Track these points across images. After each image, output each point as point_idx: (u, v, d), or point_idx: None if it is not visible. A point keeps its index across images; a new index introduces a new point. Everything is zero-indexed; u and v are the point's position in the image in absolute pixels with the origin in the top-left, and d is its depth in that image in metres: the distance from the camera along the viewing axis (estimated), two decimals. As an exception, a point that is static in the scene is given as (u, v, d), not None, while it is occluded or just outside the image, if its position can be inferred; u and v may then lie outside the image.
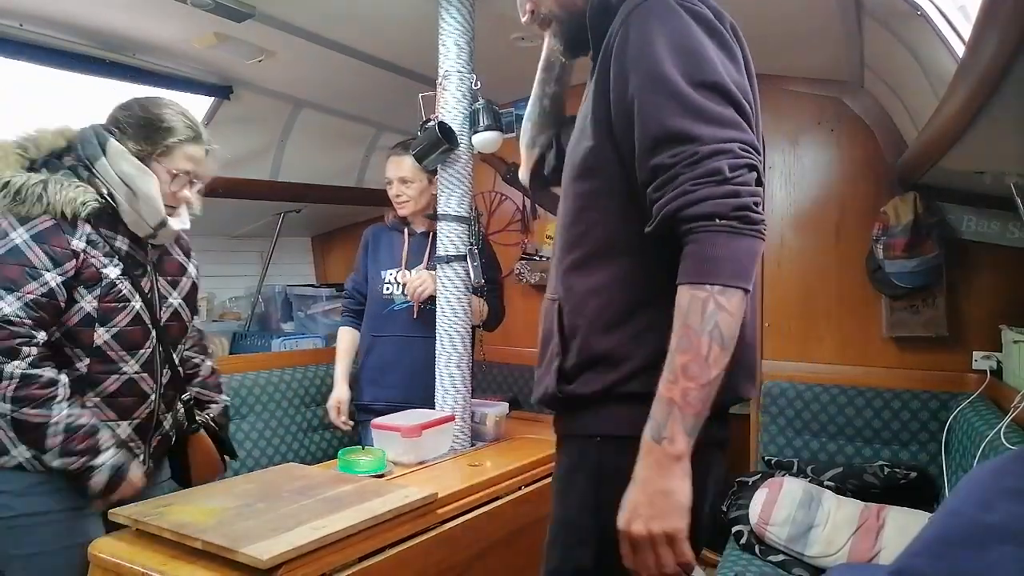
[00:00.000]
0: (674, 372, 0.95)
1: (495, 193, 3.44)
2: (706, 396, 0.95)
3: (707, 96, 0.97)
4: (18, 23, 2.01)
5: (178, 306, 1.76)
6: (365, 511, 1.43)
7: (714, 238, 0.94)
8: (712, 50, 1.01)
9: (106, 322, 1.58)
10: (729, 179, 0.94)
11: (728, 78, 0.99)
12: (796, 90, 2.74)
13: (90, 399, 1.60)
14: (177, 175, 1.65)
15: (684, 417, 0.95)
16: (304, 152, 3.08)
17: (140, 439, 1.69)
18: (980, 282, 2.49)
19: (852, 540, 2.12)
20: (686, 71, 0.98)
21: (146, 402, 1.68)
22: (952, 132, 1.56)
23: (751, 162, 0.97)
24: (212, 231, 3.33)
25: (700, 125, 0.96)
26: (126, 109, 1.66)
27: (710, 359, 0.94)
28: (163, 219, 1.63)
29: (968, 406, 2.29)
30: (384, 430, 1.92)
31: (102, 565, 1.36)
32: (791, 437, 2.70)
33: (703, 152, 0.95)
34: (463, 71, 2.06)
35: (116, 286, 1.58)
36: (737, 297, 0.95)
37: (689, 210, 0.95)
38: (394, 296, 2.54)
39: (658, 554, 0.96)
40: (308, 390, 3.10)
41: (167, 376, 1.73)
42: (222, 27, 2.13)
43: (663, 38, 1.00)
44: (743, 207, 0.94)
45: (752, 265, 0.96)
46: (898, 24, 1.80)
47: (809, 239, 2.76)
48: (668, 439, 0.95)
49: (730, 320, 0.94)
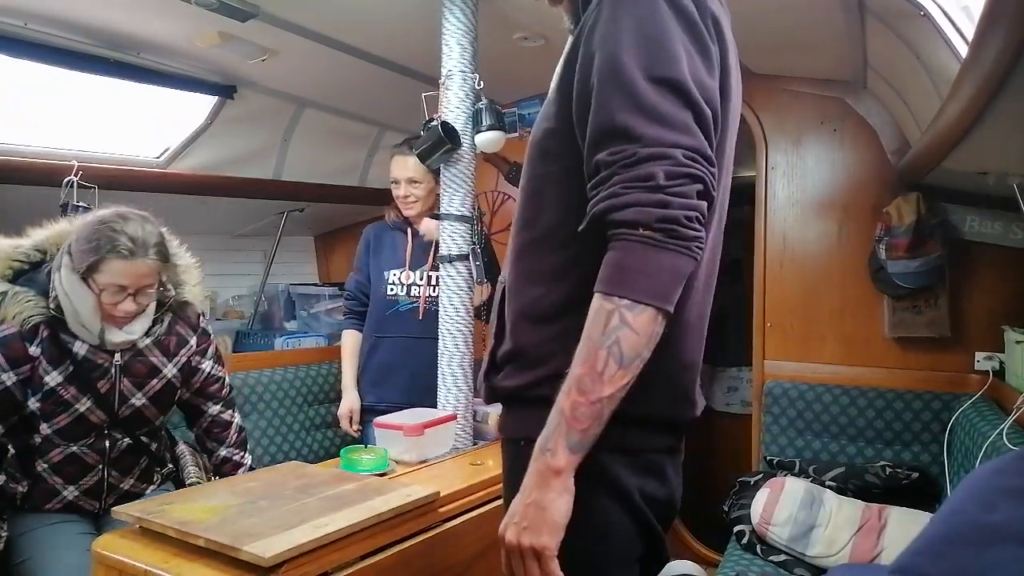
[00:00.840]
0: (569, 382, 0.90)
1: (498, 193, 3.44)
2: (596, 413, 0.89)
3: (661, 93, 0.89)
4: (22, 22, 2.02)
5: (141, 406, 1.90)
6: (367, 509, 1.43)
7: (633, 248, 0.88)
8: (681, 44, 0.92)
9: (48, 420, 1.78)
10: (662, 187, 0.87)
11: (690, 77, 0.91)
12: (799, 90, 2.75)
13: (39, 464, 1.83)
14: (105, 289, 1.72)
15: (569, 432, 0.90)
16: (307, 151, 3.08)
17: (93, 499, 1.90)
18: (983, 283, 2.49)
19: (854, 540, 2.13)
20: (645, 63, 0.90)
21: (91, 472, 1.87)
22: (955, 132, 1.56)
23: (694, 172, 0.88)
24: (215, 230, 3.34)
25: (645, 124, 0.88)
26: (82, 226, 1.76)
27: (605, 376, 0.88)
28: (99, 332, 1.76)
29: (970, 407, 2.29)
30: (386, 429, 1.92)
31: (105, 563, 1.36)
32: (793, 437, 2.70)
33: (641, 154, 0.88)
34: (466, 71, 2.06)
35: (56, 392, 1.76)
36: (646, 316, 0.87)
37: (615, 214, 0.89)
38: (399, 297, 2.54)
39: (526, 566, 0.93)
40: (311, 389, 3.10)
41: (120, 448, 1.90)
42: (226, 26, 2.14)
43: (631, 23, 0.92)
44: (670, 219, 0.86)
45: (674, 284, 0.89)
46: (901, 24, 1.80)
47: (811, 239, 2.75)
48: (551, 451, 0.91)
49: (634, 339, 0.87)
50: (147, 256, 1.74)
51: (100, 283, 1.71)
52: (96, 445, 1.86)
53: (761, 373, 2.81)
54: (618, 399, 0.89)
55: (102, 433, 1.87)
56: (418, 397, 2.32)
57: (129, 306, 1.75)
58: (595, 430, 0.90)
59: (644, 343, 0.88)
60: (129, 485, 1.97)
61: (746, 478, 2.57)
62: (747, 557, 2.26)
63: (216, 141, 2.76)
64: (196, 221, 3.16)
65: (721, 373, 4.08)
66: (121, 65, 2.29)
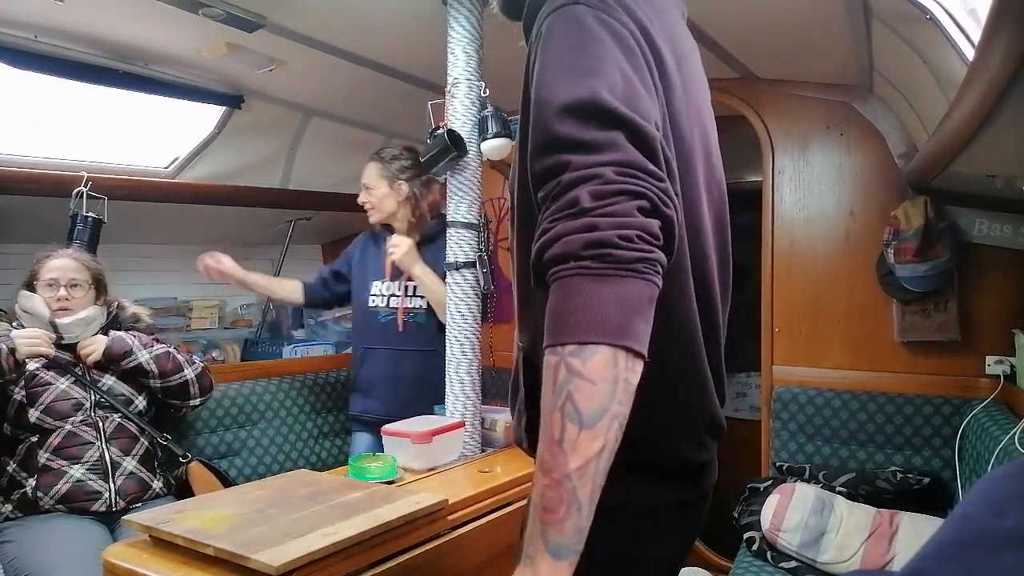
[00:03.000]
0: (536, 467, 0.76)
1: (504, 200, 3.45)
2: (566, 496, 0.72)
3: (584, 119, 0.79)
4: (33, 35, 2.04)
5: (112, 383, 2.22)
6: (376, 517, 1.43)
7: (566, 284, 0.74)
8: (614, 64, 0.82)
9: (34, 403, 2.06)
10: (588, 209, 0.75)
11: (620, 97, 0.80)
12: (805, 95, 2.74)
13: (41, 456, 2.04)
14: (48, 285, 2.15)
15: (545, 530, 0.73)
16: (314, 160, 3.10)
17: (101, 479, 2.08)
18: (992, 286, 2.47)
19: (865, 546, 2.11)
20: (569, 93, 0.80)
21: (91, 448, 2.09)
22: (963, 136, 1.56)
23: (629, 188, 0.76)
24: (224, 239, 3.35)
25: (571, 153, 0.78)
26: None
27: (564, 443, 0.72)
28: (50, 318, 2.13)
29: (981, 411, 2.28)
30: (394, 436, 1.92)
31: (115, 571, 1.36)
32: (802, 443, 2.69)
33: (564, 181, 0.77)
34: (472, 78, 2.07)
35: (36, 375, 2.10)
36: (599, 356, 0.72)
37: (545, 253, 0.77)
38: (378, 309, 2.53)
39: None
40: (319, 397, 3.11)
41: (112, 425, 2.15)
42: (233, 37, 2.15)
43: (559, 50, 0.85)
44: (600, 242, 0.73)
45: (628, 314, 0.73)
46: (907, 28, 1.80)
47: (819, 243, 2.75)
48: (531, 558, 0.74)
49: (589, 389, 0.71)
50: (69, 256, 2.21)
51: (40, 285, 2.15)
52: (88, 421, 2.11)
53: (770, 378, 2.80)
54: (595, 474, 0.72)
55: (89, 410, 2.12)
56: (400, 409, 2.28)
57: (63, 294, 2.14)
58: (575, 521, 0.72)
59: (607, 393, 0.72)
60: (133, 466, 2.14)
61: (756, 484, 2.56)
62: (757, 564, 2.25)
63: (224, 150, 2.78)
64: (204, 230, 3.19)
65: (729, 379, 4.06)
66: (129, 76, 2.31)
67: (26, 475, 2.04)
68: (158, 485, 2.20)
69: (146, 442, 2.21)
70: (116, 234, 2.53)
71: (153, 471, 2.21)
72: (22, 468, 2.05)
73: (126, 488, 2.10)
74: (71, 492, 2.02)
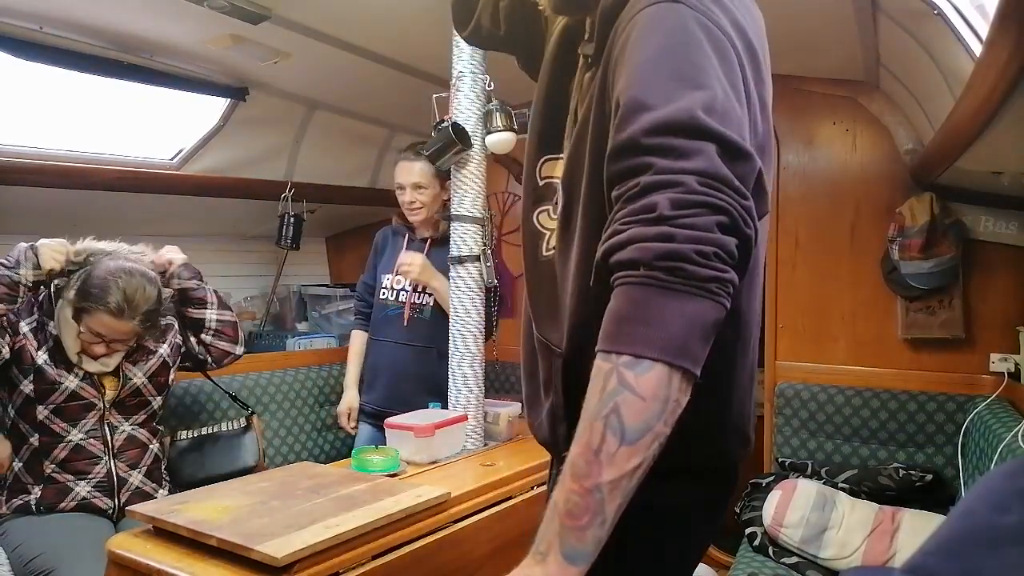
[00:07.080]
0: (565, 468, 0.73)
1: (508, 194, 3.45)
2: (594, 506, 0.70)
3: (678, 125, 0.75)
4: (38, 26, 2.04)
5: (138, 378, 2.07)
6: (378, 510, 1.43)
7: (632, 292, 0.71)
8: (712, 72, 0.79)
9: (43, 401, 1.93)
10: (666, 218, 0.71)
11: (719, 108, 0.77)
12: (811, 90, 2.73)
13: (47, 467, 1.95)
14: (84, 332, 1.92)
15: (563, 532, 0.71)
16: (318, 153, 3.09)
17: (107, 496, 2.00)
18: (997, 283, 2.47)
19: (867, 542, 2.11)
20: (662, 97, 0.77)
21: (98, 463, 1.99)
22: (969, 132, 1.55)
23: (711, 201, 0.72)
24: (228, 231, 3.36)
25: (652, 156, 0.74)
26: (97, 266, 1.95)
27: (602, 455, 0.69)
28: (74, 358, 1.95)
29: (985, 408, 2.27)
30: (397, 429, 1.92)
31: (119, 562, 1.37)
32: (805, 439, 2.69)
33: (644, 183, 0.73)
34: (476, 72, 2.07)
35: (44, 372, 1.93)
36: (654, 373, 0.69)
37: (614, 256, 0.74)
38: (388, 302, 2.55)
39: None
40: (322, 389, 3.12)
41: (122, 437, 2.04)
42: (238, 29, 2.15)
43: (656, 49, 0.81)
44: (675, 255, 0.70)
45: (691, 335, 0.70)
46: (914, 23, 1.79)
47: (824, 240, 2.74)
48: (542, 555, 0.72)
49: (639, 406, 0.69)
50: (132, 319, 1.93)
51: (83, 325, 1.92)
52: (97, 433, 2.00)
53: (773, 374, 2.79)
54: (626, 490, 0.70)
55: (101, 417, 2.00)
56: (396, 403, 2.31)
57: (101, 350, 1.96)
58: (596, 532, 0.70)
59: (655, 412, 0.69)
60: (139, 480, 2.06)
61: (758, 480, 2.56)
62: (759, 559, 2.25)
63: (228, 143, 2.78)
64: (209, 222, 3.19)
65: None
66: (134, 68, 2.31)
67: (31, 482, 1.97)
68: (162, 494, 2.13)
69: (155, 447, 2.14)
70: (119, 226, 2.53)
71: (159, 481, 2.15)
72: (28, 471, 1.98)
73: (131, 503, 1.99)
74: (75, 510, 1.97)
